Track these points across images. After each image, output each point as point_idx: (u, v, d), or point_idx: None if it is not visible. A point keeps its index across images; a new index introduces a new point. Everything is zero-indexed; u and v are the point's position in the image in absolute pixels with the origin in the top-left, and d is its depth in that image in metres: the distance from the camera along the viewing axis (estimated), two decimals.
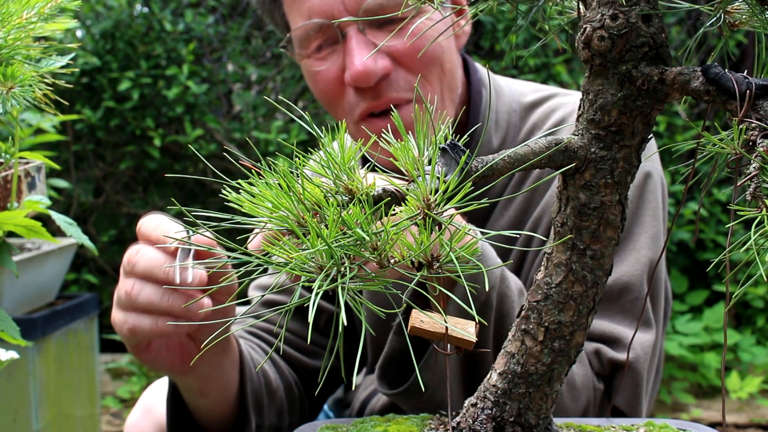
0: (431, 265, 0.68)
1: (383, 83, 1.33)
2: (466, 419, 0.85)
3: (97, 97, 4.04)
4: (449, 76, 1.40)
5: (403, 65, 1.34)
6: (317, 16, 1.34)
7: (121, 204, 4.24)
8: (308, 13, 1.35)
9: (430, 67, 1.36)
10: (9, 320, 1.01)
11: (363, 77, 1.31)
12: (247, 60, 4.25)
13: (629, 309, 1.31)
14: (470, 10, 0.88)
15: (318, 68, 1.38)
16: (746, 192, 0.68)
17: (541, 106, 1.49)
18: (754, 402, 3.80)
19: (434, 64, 1.36)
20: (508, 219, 1.42)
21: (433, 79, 1.37)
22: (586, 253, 0.80)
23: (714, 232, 3.96)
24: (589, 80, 0.78)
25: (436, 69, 1.37)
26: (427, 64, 1.35)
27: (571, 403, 1.25)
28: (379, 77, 1.32)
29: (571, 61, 4.03)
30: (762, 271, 0.62)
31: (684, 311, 3.96)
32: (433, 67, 1.36)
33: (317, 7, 1.34)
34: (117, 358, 4.03)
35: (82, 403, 2.46)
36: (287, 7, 1.41)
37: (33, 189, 1.17)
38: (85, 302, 2.47)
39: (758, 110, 0.70)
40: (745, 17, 0.79)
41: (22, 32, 0.89)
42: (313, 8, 1.34)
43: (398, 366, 1.25)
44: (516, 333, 0.84)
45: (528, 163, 0.75)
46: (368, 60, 1.31)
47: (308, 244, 0.65)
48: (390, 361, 1.25)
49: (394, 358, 1.25)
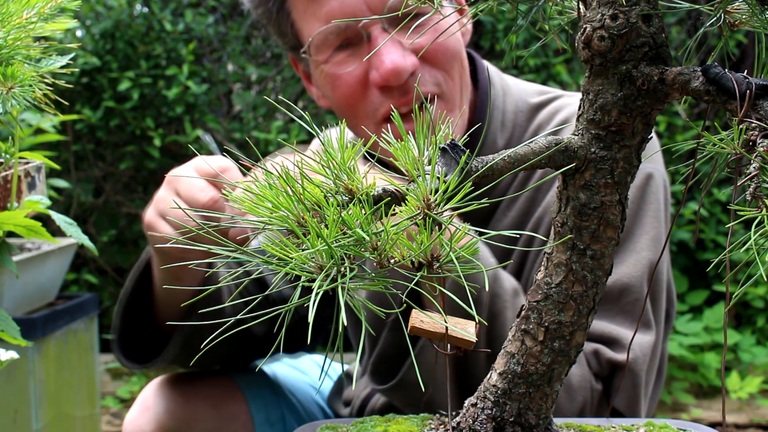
0: (431, 265, 0.68)
1: (410, 80, 1.34)
2: (466, 419, 0.85)
3: (97, 97, 4.04)
4: (465, 73, 1.42)
5: (428, 61, 1.35)
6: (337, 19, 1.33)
7: (121, 204, 4.24)
8: (326, 18, 1.34)
9: (452, 62, 1.37)
10: (9, 320, 1.01)
11: (395, 75, 1.31)
12: (247, 60, 4.25)
13: (629, 310, 1.31)
14: (470, 10, 0.88)
15: (339, 72, 1.37)
16: (746, 192, 0.68)
17: (547, 107, 1.49)
18: (754, 402, 3.80)
19: (456, 59, 1.38)
20: (511, 219, 1.42)
21: (455, 75, 1.38)
22: (586, 253, 0.80)
23: (714, 232, 3.96)
24: (589, 80, 0.78)
25: (457, 64, 1.38)
26: (450, 60, 1.37)
27: (566, 403, 1.25)
28: (408, 74, 1.33)
29: (571, 61, 4.03)
30: (762, 271, 0.62)
31: (684, 311, 3.96)
32: (455, 62, 1.38)
33: (338, 10, 1.33)
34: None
35: (82, 403, 2.46)
36: (299, 14, 1.39)
37: (33, 189, 1.17)
38: (85, 302, 2.47)
39: (758, 110, 0.70)
40: (745, 17, 0.78)
41: (22, 32, 0.89)
42: (333, 12, 1.33)
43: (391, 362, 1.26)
44: (516, 333, 0.84)
45: (528, 163, 0.75)
46: (398, 58, 1.31)
47: (308, 244, 0.65)
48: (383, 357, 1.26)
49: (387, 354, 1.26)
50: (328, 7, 1.33)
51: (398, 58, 1.31)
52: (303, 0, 1.37)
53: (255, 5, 1.44)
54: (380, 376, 1.27)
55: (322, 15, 1.34)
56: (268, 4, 1.42)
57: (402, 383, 1.23)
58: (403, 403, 1.28)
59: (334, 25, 1.33)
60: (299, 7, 1.38)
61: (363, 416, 1.07)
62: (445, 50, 1.35)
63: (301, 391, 1.71)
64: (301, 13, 1.38)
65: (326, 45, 1.36)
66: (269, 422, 1.58)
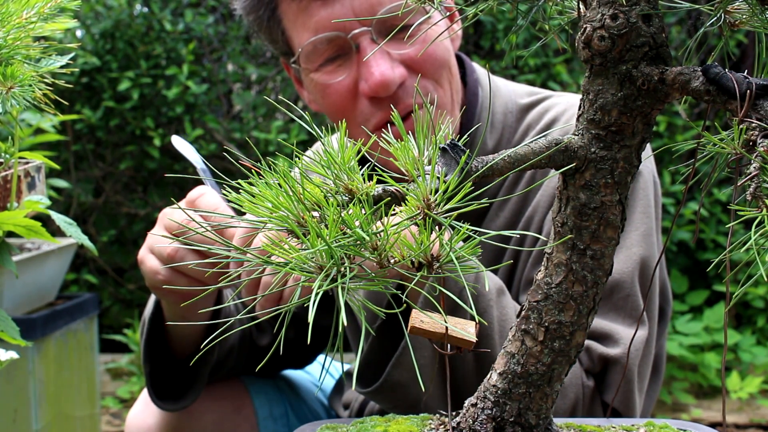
0: (431, 265, 0.68)
1: (400, 90, 1.35)
2: (466, 419, 0.84)
3: (96, 97, 4.03)
4: (455, 79, 1.43)
5: (416, 71, 1.36)
6: (326, 30, 1.34)
7: (120, 204, 4.24)
8: (316, 27, 1.35)
9: (441, 70, 1.39)
10: (9, 320, 1.01)
11: (383, 86, 1.33)
12: (247, 60, 4.25)
13: (621, 306, 1.31)
14: (470, 10, 0.88)
15: (329, 81, 1.38)
16: (746, 192, 0.68)
17: (536, 107, 1.50)
18: (754, 402, 3.80)
19: (444, 67, 1.39)
20: (504, 219, 1.42)
21: (444, 83, 1.40)
22: (586, 253, 0.80)
23: (714, 232, 3.96)
24: (589, 80, 0.78)
25: (446, 72, 1.40)
26: (438, 68, 1.38)
27: (558, 401, 1.25)
28: (397, 86, 1.34)
29: (571, 61, 4.03)
30: (762, 271, 0.62)
31: (684, 311, 3.96)
32: (443, 70, 1.39)
33: (326, 20, 1.34)
34: (117, 358, 4.03)
35: (82, 404, 2.46)
36: (289, 23, 1.40)
37: (33, 189, 1.17)
38: (85, 302, 2.47)
39: (758, 110, 0.70)
40: (746, 17, 0.78)
41: (21, 32, 0.89)
42: (322, 22, 1.34)
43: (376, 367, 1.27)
44: (516, 333, 0.84)
45: (528, 163, 0.75)
46: (386, 69, 1.33)
47: (308, 244, 0.65)
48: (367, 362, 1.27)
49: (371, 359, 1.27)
50: (317, 17, 1.35)
51: (387, 70, 1.33)
52: (293, 9, 1.38)
53: (247, 12, 1.45)
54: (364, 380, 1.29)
55: (312, 25, 1.36)
56: (259, 11, 1.43)
57: (385, 385, 1.24)
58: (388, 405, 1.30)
59: (323, 36, 1.35)
60: (290, 16, 1.39)
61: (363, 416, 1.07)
62: (434, 60, 1.36)
63: (304, 388, 1.72)
64: (291, 22, 1.40)
65: (316, 54, 1.38)
66: (272, 417, 1.59)
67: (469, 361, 1.25)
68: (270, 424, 1.58)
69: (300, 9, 1.37)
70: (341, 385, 1.70)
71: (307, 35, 1.37)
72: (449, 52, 1.41)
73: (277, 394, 1.64)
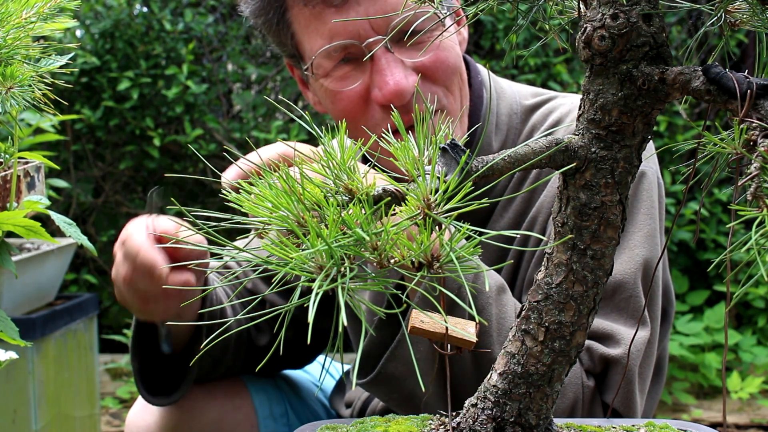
0: (431, 265, 0.68)
1: (412, 99, 1.35)
2: (467, 419, 0.84)
3: (96, 96, 4.03)
4: (465, 84, 1.44)
5: (429, 78, 1.36)
6: (340, 37, 1.34)
7: (120, 204, 4.24)
8: (330, 34, 1.35)
9: (452, 77, 1.39)
10: (8, 320, 1.01)
11: (398, 95, 1.33)
12: (247, 60, 4.25)
13: (623, 307, 1.31)
14: (470, 10, 0.88)
15: (340, 88, 1.38)
16: (747, 192, 0.68)
17: (541, 108, 1.50)
18: (754, 402, 3.80)
19: (455, 74, 1.40)
20: (508, 220, 1.42)
21: (454, 89, 1.40)
22: (586, 253, 0.80)
23: (715, 232, 3.96)
24: (589, 80, 0.78)
25: (456, 78, 1.40)
26: (450, 75, 1.39)
27: (557, 400, 1.25)
28: (411, 94, 1.34)
29: (571, 61, 4.03)
30: (763, 271, 0.62)
31: (685, 311, 3.96)
32: (455, 77, 1.40)
33: (341, 27, 1.34)
34: (116, 358, 4.02)
35: (82, 404, 2.46)
36: (301, 27, 1.40)
37: (32, 189, 1.16)
38: (85, 302, 2.47)
39: (759, 110, 0.70)
40: (746, 17, 0.78)
41: (21, 32, 0.89)
42: (336, 29, 1.34)
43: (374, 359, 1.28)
44: (516, 333, 0.84)
45: (528, 163, 0.74)
46: (401, 78, 1.32)
47: (308, 244, 0.65)
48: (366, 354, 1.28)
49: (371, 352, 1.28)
50: (331, 24, 1.34)
51: (402, 79, 1.33)
52: (305, 15, 1.37)
53: (255, 15, 1.45)
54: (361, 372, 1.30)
55: (325, 32, 1.35)
56: (268, 14, 1.42)
57: (380, 377, 1.25)
58: (384, 397, 1.31)
59: (338, 44, 1.34)
60: (301, 21, 1.39)
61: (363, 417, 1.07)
62: (446, 67, 1.37)
63: (304, 388, 1.72)
64: (303, 27, 1.39)
65: (328, 60, 1.38)
66: (273, 416, 1.59)
67: (466, 358, 1.25)
68: (270, 423, 1.59)
69: (313, 15, 1.36)
70: (343, 384, 1.70)
71: (320, 42, 1.36)
72: (460, 59, 1.42)
73: (278, 394, 1.64)
